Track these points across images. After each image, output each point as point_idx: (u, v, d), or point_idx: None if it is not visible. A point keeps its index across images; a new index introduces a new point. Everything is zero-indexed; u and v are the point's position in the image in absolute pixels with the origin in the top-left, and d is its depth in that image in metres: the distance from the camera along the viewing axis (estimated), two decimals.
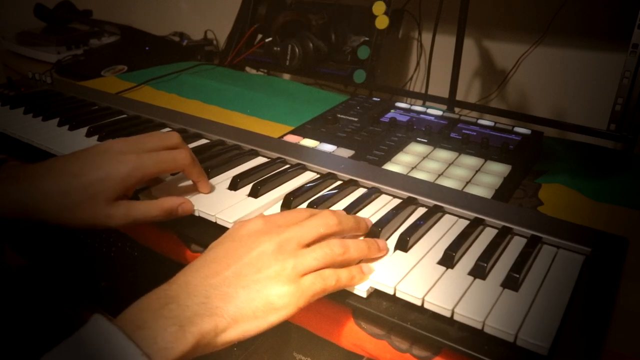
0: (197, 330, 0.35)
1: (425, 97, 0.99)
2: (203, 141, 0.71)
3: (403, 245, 0.46)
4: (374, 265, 0.44)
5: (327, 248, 0.42)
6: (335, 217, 0.45)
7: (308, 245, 0.42)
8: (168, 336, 0.34)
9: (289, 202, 0.54)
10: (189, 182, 0.57)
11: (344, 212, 0.49)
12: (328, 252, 0.42)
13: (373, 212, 0.53)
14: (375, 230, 0.48)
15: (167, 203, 0.51)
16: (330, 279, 0.41)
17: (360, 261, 0.44)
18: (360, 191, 0.58)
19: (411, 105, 0.84)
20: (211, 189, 0.57)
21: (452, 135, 0.72)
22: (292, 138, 0.72)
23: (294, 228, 0.43)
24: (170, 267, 0.61)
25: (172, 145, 0.54)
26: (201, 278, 0.39)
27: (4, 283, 0.79)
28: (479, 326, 0.38)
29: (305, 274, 0.41)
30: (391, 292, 0.42)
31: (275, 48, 1.06)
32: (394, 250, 0.47)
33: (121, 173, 0.49)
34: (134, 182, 0.50)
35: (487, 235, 0.49)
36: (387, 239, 0.48)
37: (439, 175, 0.61)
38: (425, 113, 0.81)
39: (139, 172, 0.50)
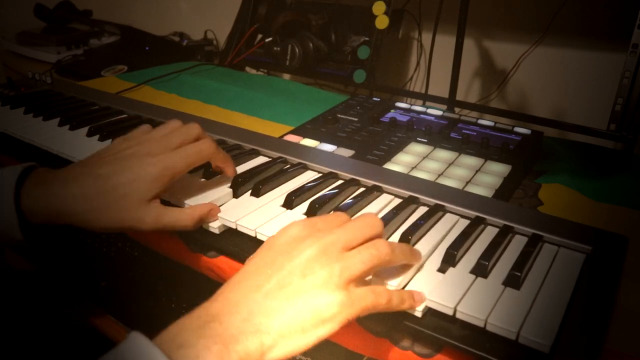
0: (242, 348, 0.34)
1: (425, 97, 1.00)
2: None
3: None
4: (423, 296, 0.42)
5: (372, 248, 0.39)
6: (379, 220, 0.42)
7: (353, 248, 0.40)
8: (211, 356, 0.33)
9: (290, 201, 0.54)
10: (188, 180, 0.58)
11: None
12: (374, 252, 0.39)
13: (375, 211, 0.53)
14: None
15: (198, 212, 0.51)
16: (382, 297, 0.39)
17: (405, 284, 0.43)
18: (361, 190, 0.58)
19: (411, 105, 0.84)
20: (214, 181, 0.57)
21: (452, 135, 0.72)
22: (292, 138, 0.72)
23: (337, 231, 0.40)
24: (171, 267, 0.61)
25: (195, 137, 0.53)
26: (243, 293, 0.37)
27: (5, 284, 0.79)
28: (481, 324, 0.38)
29: (354, 279, 0.38)
30: None
31: (275, 48, 1.07)
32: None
33: (151, 174, 0.48)
34: (164, 182, 0.49)
35: (488, 234, 0.49)
36: (388, 238, 0.49)
37: (439, 175, 0.61)
38: (425, 113, 0.81)
39: (169, 171, 0.49)
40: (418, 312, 0.40)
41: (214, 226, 0.51)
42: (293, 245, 0.39)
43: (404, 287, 0.42)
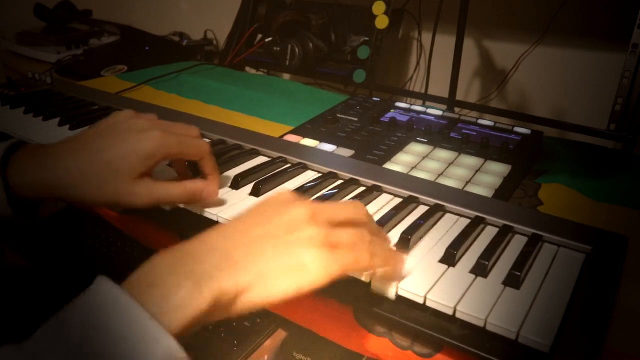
0: (216, 286, 0.32)
1: (425, 97, 1.00)
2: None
3: (404, 244, 0.46)
4: (404, 257, 0.43)
5: (357, 230, 0.39)
6: (365, 209, 0.43)
7: (338, 225, 0.40)
8: (182, 292, 0.31)
9: None
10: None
11: None
12: (358, 234, 0.39)
13: (374, 211, 0.53)
14: None
15: (190, 185, 0.50)
16: (364, 256, 0.38)
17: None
18: (360, 190, 0.58)
19: (411, 105, 0.84)
20: (219, 187, 0.56)
21: (452, 135, 0.72)
22: (292, 138, 0.72)
23: (326, 204, 0.40)
24: None
25: (193, 135, 0.53)
26: (223, 235, 0.36)
27: (4, 283, 0.79)
28: (480, 324, 0.38)
29: (338, 246, 0.38)
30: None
31: (275, 48, 1.07)
32: (396, 249, 0.47)
33: (146, 149, 0.48)
34: (157, 159, 0.49)
35: (488, 234, 0.49)
36: None
37: (439, 175, 0.61)
38: (425, 113, 0.81)
39: (163, 150, 0.49)
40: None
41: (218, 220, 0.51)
42: (284, 204, 0.39)
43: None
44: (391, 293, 0.41)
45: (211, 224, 0.52)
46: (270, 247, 0.36)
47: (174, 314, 0.31)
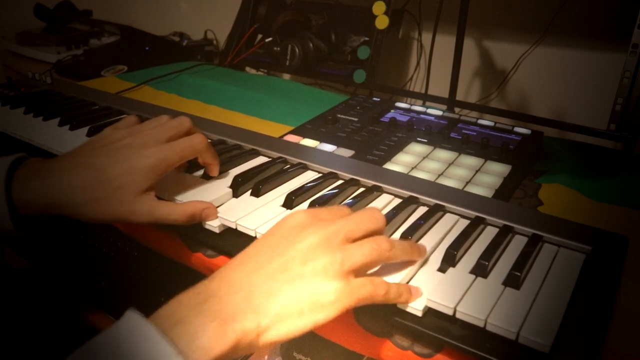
0: (240, 327, 0.34)
1: (425, 97, 1.00)
2: None
3: None
4: (420, 291, 0.42)
5: (374, 243, 0.40)
6: (381, 214, 0.43)
7: (355, 240, 0.40)
8: (209, 332, 0.33)
9: (290, 201, 0.54)
10: (188, 179, 0.58)
11: None
12: (375, 247, 0.39)
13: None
14: None
15: (190, 208, 0.51)
16: (381, 288, 0.39)
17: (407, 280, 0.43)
18: (361, 190, 0.58)
19: (411, 105, 0.84)
20: (210, 179, 0.58)
21: (452, 135, 0.72)
22: (292, 138, 0.72)
23: (340, 221, 0.40)
24: (171, 267, 0.61)
25: (186, 130, 0.54)
26: (243, 274, 0.37)
27: (4, 283, 0.79)
28: (480, 324, 0.38)
29: (354, 270, 0.38)
30: None
31: (275, 48, 1.07)
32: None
33: (146, 166, 0.49)
34: (158, 174, 0.50)
35: (488, 234, 0.49)
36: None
37: (439, 175, 0.61)
38: (425, 113, 0.81)
39: (163, 164, 0.50)
40: (418, 312, 0.40)
41: (214, 225, 0.51)
42: (296, 231, 0.40)
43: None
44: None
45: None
46: (285, 284, 0.37)
47: (200, 353, 0.32)
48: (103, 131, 0.55)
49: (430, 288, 0.41)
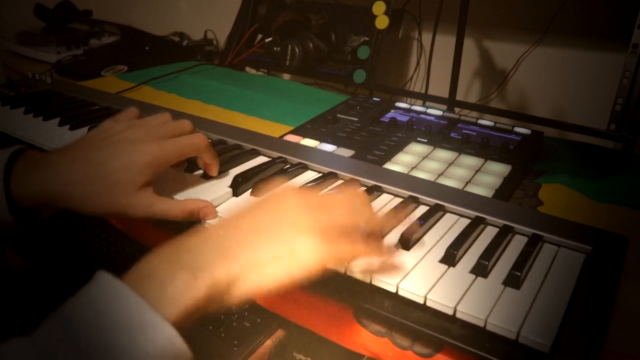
0: (209, 275, 0.34)
1: (425, 97, 1.00)
2: None
3: (405, 243, 0.46)
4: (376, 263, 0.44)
5: (354, 216, 0.41)
6: (363, 195, 0.45)
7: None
8: (177, 281, 0.33)
9: None
10: (188, 178, 0.57)
11: None
12: (354, 218, 0.41)
13: (374, 211, 0.53)
14: None
15: (189, 205, 0.51)
16: (359, 246, 0.40)
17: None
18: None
19: (411, 105, 0.84)
20: (210, 179, 0.58)
21: (452, 135, 0.72)
22: (292, 138, 0.72)
23: (324, 195, 0.43)
24: None
25: (186, 131, 0.54)
26: (217, 228, 0.38)
27: (4, 283, 0.79)
28: (480, 324, 0.38)
29: (335, 231, 0.39)
30: (393, 290, 0.42)
31: (275, 48, 1.07)
32: (396, 249, 0.47)
33: (144, 161, 0.49)
34: (157, 169, 0.50)
35: (488, 234, 0.49)
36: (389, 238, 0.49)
37: (439, 175, 0.61)
38: (425, 113, 0.81)
39: (162, 159, 0.50)
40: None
41: (213, 224, 0.51)
42: (281, 196, 0.41)
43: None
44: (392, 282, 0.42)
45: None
46: (262, 236, 0.37)
47: (170, 304, 0.32)
48: (103, 123, 0.54)
49: (430, 288, 0.41)
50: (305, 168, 0.63)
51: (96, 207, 0.48)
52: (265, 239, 0.37)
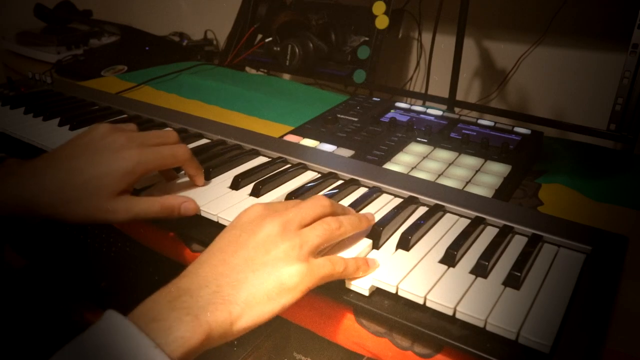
0: (212, 318, 0.36)
1: (425, 97, 1.00)
2: (204, 141, 0.72)
3: (405, 244, 0.46)
4: (377, 262, 0.45)
5: (324, 224, 0.43)
6: (327, 200, 0.46)
7: (306, 226, 0.43)
8: (183, 326, 0.34)
9: None
10: (187, 182, 0.58)
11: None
12: (326, 227, 0.43)
13: (374, 211, 0.53)
14: (377, 229, 0.48)
15: (168, 201, 0.51)
16: (339, 265, 0.42)
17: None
18: (361, 190, 0.58)
19: (411, 105, 0.84)
20: (205, 183, 0.58)
21: (452, 135, 0.72)
22: (292, 138, 0.72)
23: (292, 210, 0.43)
24: (170, 267, 0.61)
25: (170, 142, 0.54)
26: (210, 268, 0.39)
27: (4, 283, 0.79)
28: (480, 324, 0.38)
29: (312, 252, 0.41)
30: (393, 291, 0.42)
31: (275, 48, 1.06)
32: (396, 249, 0.47)
33: (123, 168, 0.49)
34: (136, 177, 0.50)
35: (488, 234, 0.49)
36: (388, 238, 0.49)
37: (439, 175, 0.61)
38: (425, 113, 0.81)
39: (141, 167, 0.50)
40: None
41: (213, 213, 0.52)
42: (255, 223, 0.42)
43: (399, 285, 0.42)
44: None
45: (211, 224, 0.53)
46: (251, 273, 0.39)
47: (176, 346, 0.34)
48: (84, 130, 0.54)
49: (430, 288, 0.41)
50: (305, 168, 0.63)
51: (76, 214, 0.48)
52: (255, 274, 0.39)
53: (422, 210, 0.54)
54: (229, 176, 0.60)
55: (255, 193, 0.56)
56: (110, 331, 0.33)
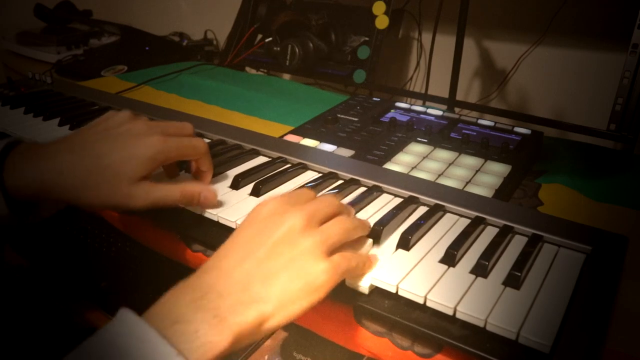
0: (243, 319, 0.33)
1: (425, 97, 1.00)
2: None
3: (405, 244, 0.46)
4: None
5: (341, 223, 0.42)
6: (338, 199, 0.46)
7: (325, 221, 0.42)
8: (210, 330, 0.32)
9: None
10: (187, 180, 0.58)
11: None
12: (344, 225, 0.42)
13: (374, 211, 0.53)
14: (377, 229, 0.48)
15: (189, 187, 0.50)
16: (353, 261, 0.41)
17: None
18: (361, 190, 0.58)
19: (411, 105, 0.84)
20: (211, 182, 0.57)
21: (452, 135, 0.72)
22: (292, 138, 0.72)
23: (311, 204, 0.42)
24: (171, 267, 0.61)
25: (187, 133, 0.54)
26: (236, 262, 0.37)
27: (4, 283, 0.79)
28: (480, 324, 0.38)
29: (332, 249, 0.40)
30: (393, 290, 0.42)
31: (275, 48, 1.07)
32: (396, 249, 0.47)
33: (145, 155, 0.48)
34: (156, 164, 0.49)
35: (488, 234, 0.49)
36: (388, 238, 0.49)
37: (439, 175, 0.61)
38: (425, 113, 0.81)
39: (163, 155, 0.49)
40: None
41: (213, 213, 0.52)
42: (276, 217, 0.40)
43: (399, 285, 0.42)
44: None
45: (211, 223, 0.53)
46: (281, 269, 0.37)
47: (202, 352, 0.31)
48: (102, 116, 0.53)
49: (430, 288, 0.41)
50: (305, 168, 0.63)
51: (94, 198, 0.48)
52: (285, 271, 0.37)
53: (422, 210, 0.54)
54: (229, 176, 0.60)
55: (256, 193, 0.56)
56: (125, 334, 0.30)
